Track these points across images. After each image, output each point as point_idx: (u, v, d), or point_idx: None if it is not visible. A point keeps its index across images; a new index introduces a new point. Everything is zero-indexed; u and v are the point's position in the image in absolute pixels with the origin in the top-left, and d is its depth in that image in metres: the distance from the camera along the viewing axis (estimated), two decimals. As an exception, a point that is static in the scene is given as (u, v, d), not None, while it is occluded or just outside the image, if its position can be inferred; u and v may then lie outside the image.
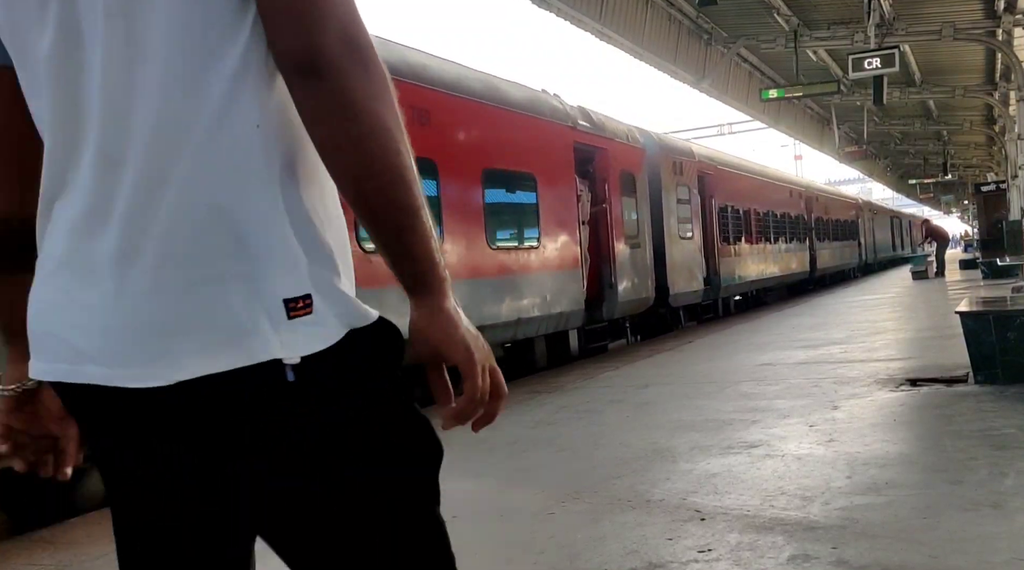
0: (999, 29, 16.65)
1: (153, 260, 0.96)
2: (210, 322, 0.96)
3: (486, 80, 9.60)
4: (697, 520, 3.58)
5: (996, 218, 25.48)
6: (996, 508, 3.39)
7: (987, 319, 6.15)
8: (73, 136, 1.02)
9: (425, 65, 8.29)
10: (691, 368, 8.55)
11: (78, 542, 4.16)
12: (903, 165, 42.18)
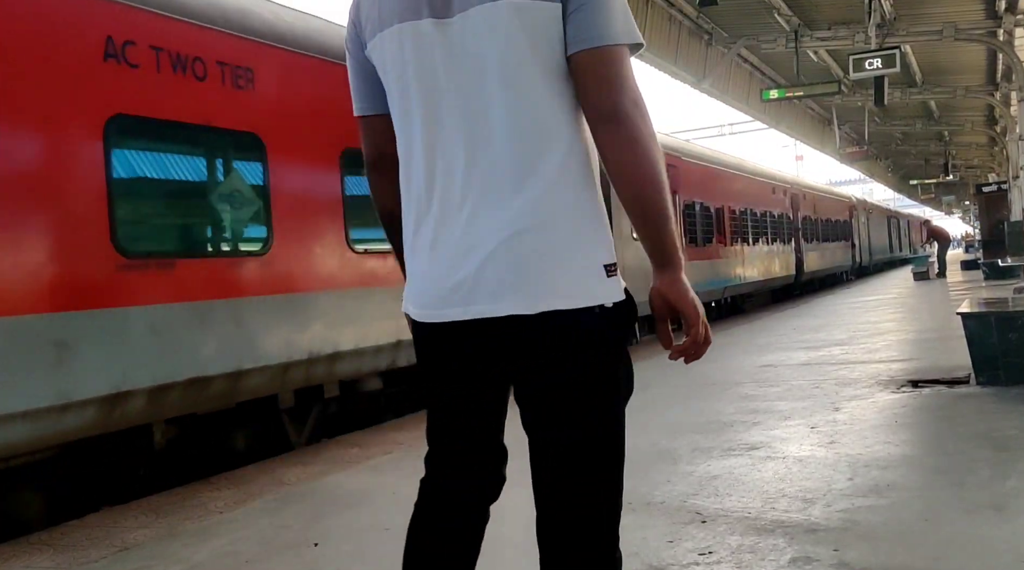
0: (1000, 29, 16.65)
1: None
2: None
3: None
4: (698, 522, 3.56)
5: (997, 219, 25.47)
6: (998, 510, 3.37)
7: (989, 320, 6.14)
8: (429, 154, 1.63)
9: (248, 10, 6.06)
10: (692, 369, 8.50)
11: (77, 545, 4.15)
12: (904, 166, 42.19)
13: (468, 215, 1.57)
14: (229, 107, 5.74)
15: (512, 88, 1.55)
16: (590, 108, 1.55)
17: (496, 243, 1.54)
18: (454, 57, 1.57)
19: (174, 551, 3.90)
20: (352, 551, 3.67)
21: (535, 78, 1.55)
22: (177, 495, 5.05)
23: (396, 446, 5.91)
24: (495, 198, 1.56)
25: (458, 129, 1.58)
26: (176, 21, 5.42)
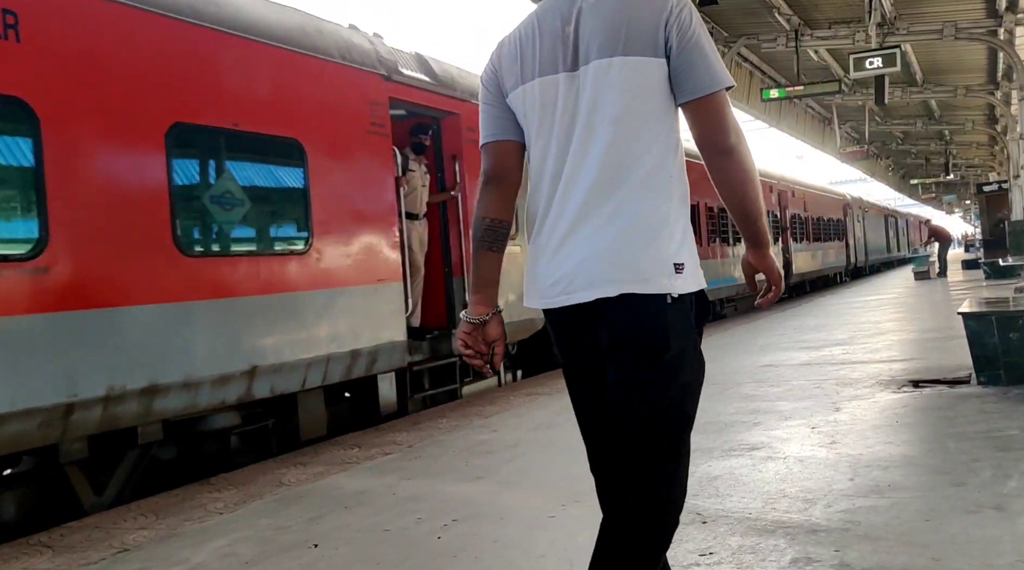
0: (1001, 28, 16.62)
1: None
2: None
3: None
4: (699, 523, 3.55)
5: (998, 218, 25.46)
6: (999, 510, 3.36)
7: (989, 320, 6.13)
8: (550, 181, 2.07)
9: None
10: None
11: (77, 546, 4.14)
12: (905, 165, 42.17)
13: (588, 221, 2.00)
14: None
15: (618, 124, 1.99)
16: (706, 144, 2.01)
17: (615, 244, 1.97)
18: (581, 102, 2.03)
19: (174, 552, 3.89)
20: (351, 552, 3.66)
21: (637, 117, 1.98)
22: (177, 496, 5.05)
23: (396, 447, 5.90)
24: (596, 211, 1.99)
25: (578, 157, 2.03)
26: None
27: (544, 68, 2.07)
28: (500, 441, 5.74)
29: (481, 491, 4.50)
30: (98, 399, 4.80)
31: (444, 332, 8.19)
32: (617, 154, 1.98)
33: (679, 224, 2.02)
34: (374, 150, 7.08)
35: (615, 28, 1.98)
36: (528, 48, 2.11)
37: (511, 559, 3.38)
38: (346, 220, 6.75)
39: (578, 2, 2.04)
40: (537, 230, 2.11)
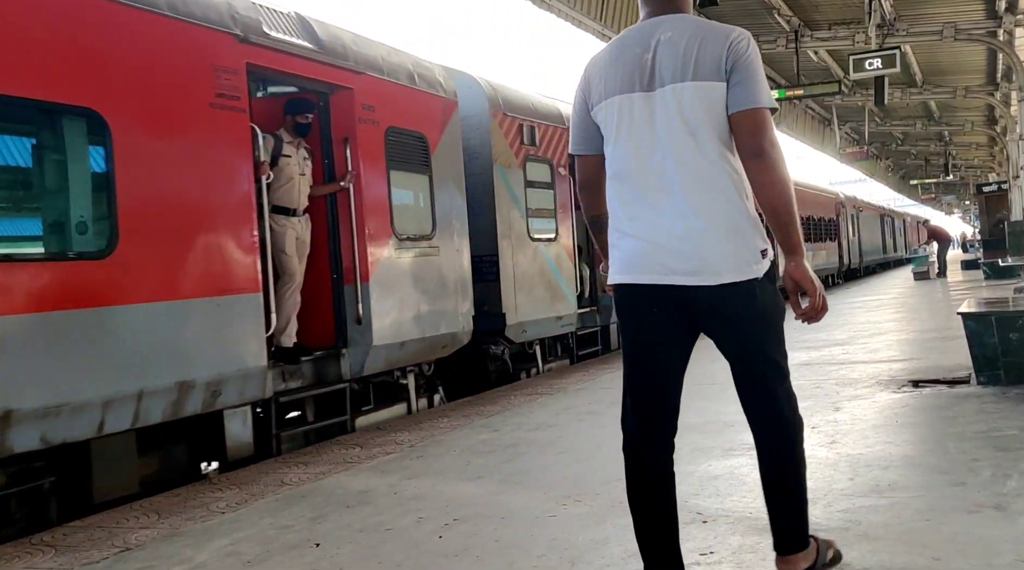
0: (1000, 29, 16.65)
1: None
2: None
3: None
4: (699, 522, 3.57)
5: (998, 218, 25.48)
6: (999, 510, 3.38)
7: (989, 320, 6.14)
8: (631, 182, 2.56)
9: None
10: (693, 369, 8.46)
11: (80, 545, 4.15)
12: (905, 166, 42.20)
13: (667, 215, 2.50)
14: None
15: (693, 136, 2.48)
16: (745, 148, 2.47)
17: (695, 236, 2.48)
18: (656, 117, 2.51)
19: (176, 551, 3.91)
20: (354, 551, 3.67)
21: (706, 129, 2.48)
22: (179, 495, 5.06)
23: (397, 446, 5.92)
24: (675, 207, 2.49)
25: (657, 161, 2.51)
26: None
27: (623, 87, 2.56)
28: (501, 441, 5.75)
29: (482, 490, 4.52)
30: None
31: (332, 352, 6.76)
32: (692, 159, 2.48)
33: (749, 215, 2.52)
34: (221, 128, 5.68)
35: (687, 58, 2.48)
36: (611, 70, 2.60)
37: (512, 558, 3.40)
38: (173, 216, 5.30)
39: (656, 35, 2.54)
40: (620, 221, 2.61)
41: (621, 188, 2.60)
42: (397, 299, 7.19)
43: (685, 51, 2.48)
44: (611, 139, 2.62)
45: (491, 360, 9.20)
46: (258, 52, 6.03)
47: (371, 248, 6.92)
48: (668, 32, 2.53)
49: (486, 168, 8.93)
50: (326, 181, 6.92)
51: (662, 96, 2.50)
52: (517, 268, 9.19)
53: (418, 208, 7.73)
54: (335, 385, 6.73)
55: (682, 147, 2.49)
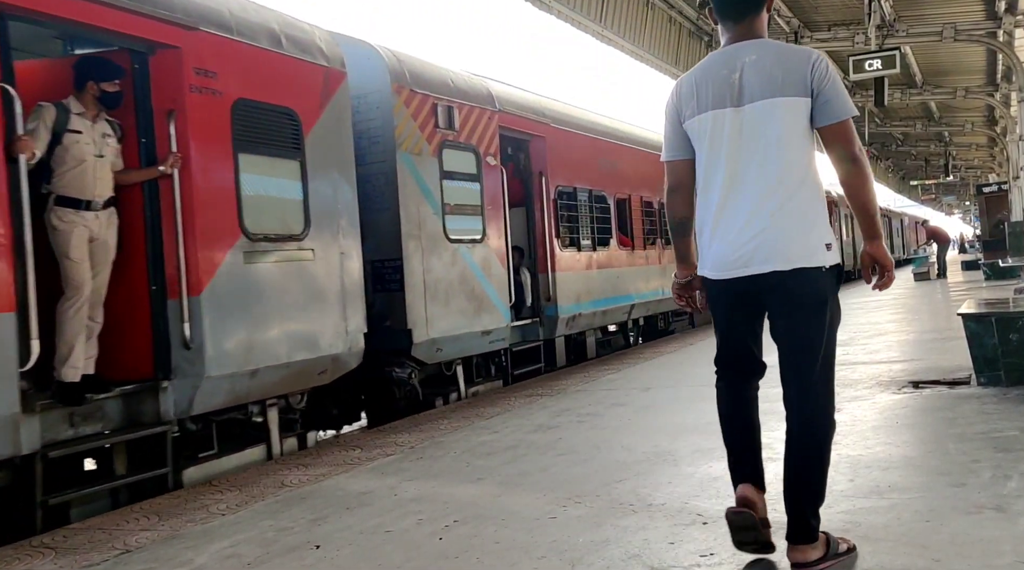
0: (1000, 30, 16.66)
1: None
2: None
3: None
4: (699, 524, 3.57)
5: (998, 219, 25.47)
6: (1000, 511, 3.37)
7: (989, 321, 6.14)
8: (718, 186, 2.92)
9: None
10: (694, 370, 8.53)
11: (80, 547, 4.15)
12: (905, 166, 42.19)
13: (751, 217, 2.87)
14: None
15: (781, 146, 2.85)
16: (839, 155, 2.89)
17: (774, 234, 2.85)
18: (744, 129, 2.89)
19: (176, 553, 3.91)
20: (354, 553, 3.67)
21: (792, 139, 2.85)
22: (179, 497, 5.06)
23: (398, 448, 5.92)
24: (761, 209, 2.86)
25: (747, 168, 2.89)
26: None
27: (715, 104, 2.93)
28: (501, 442, 5.75)
29: (482, 492, 4.52)
30: None
31: (149, 385, 5.35)
32: (779, 165, 2.86)
33: (822, 213, 2.92)
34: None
35: (773, 78, 2.86)
36: (702, 89, 2.97)
37: (512, 560, 3.39)
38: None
39: (742, 58, 2.92)
40: (713, 221, 2.96)
41: (711, 194, 2.97)
42: (247, 316, 5.68)
43: (771, 71, 2.87)
44: (703, 150, 2.99)
45: (397, 385, 7.62)
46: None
47: (205, 252, 5.46)
48: (752, 55, 2.91)
49: (388, 155, 7.44)
50: (143, 165, 5.44)
51: (751, 111, 2.88)
52: (429, 275, 7.69)
53: (283, 201, 6.18)
54: (153, 428, 5.27)
55: (769, 154, 2.86)
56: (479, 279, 8.47)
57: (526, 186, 9.99)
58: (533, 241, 9.99)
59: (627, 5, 15.01)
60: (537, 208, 9.94)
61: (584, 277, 10.75)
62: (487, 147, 8.77)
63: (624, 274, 12.00)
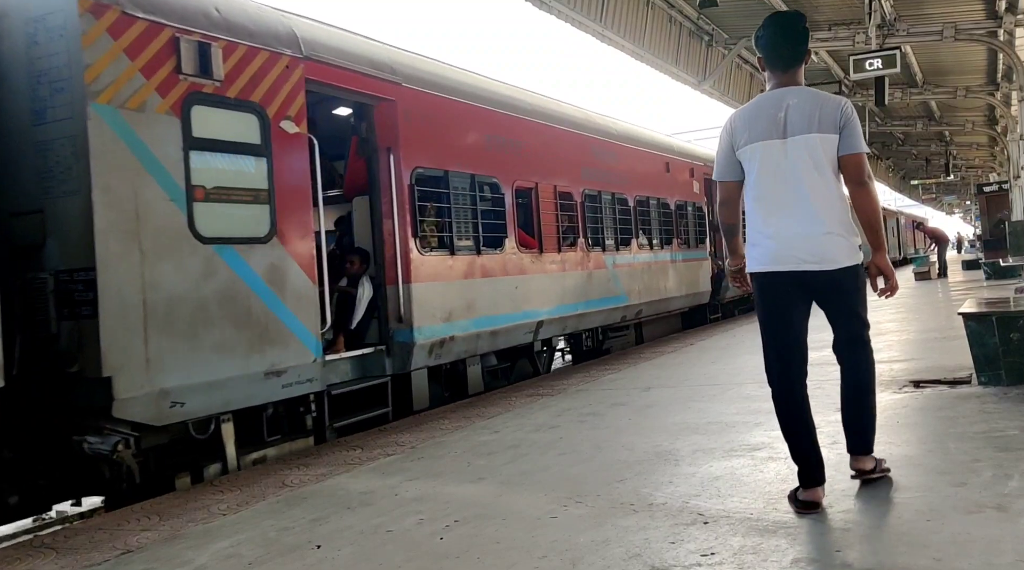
0: (1000, 29, 16.63)
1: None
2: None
3: None
4: (700, 523, 3.57)
5: (998, 219, 25.45)
6: (1000, 510, 3.37)
7: (990, 320, 6.13)
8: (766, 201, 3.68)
9: None
10: (694, 370, 8.53)
11: (81, 547, 4.16)
12: (905, 166, 42.14)
13: (795, 225, 3.60)
14: None
15: (816, 171, 3.59)
16: (852, 179, 3.64)
17: (815, 239, 3.58)
18: (788, 157, 3.61)
19: (177, 553, 3.91)
20: (354, 553, 3.68)
21: (825, 166, 3.59)
22: (180, 497, 5.06)
23: (398, 448, 5.92)
24: (810, 219, 3.59)
25: (789, 188, 3.61)
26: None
27: (764, 136, 3.68)
28: (502, 442, 5.75)
29: (483, 492, 4.52)
30: None
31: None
32: (816, 185, 3.60)
33: (850, 221, 3.68)
34: None
35: (811, 117, 3.63)
36: (754, 122, 3.72)
37: (513, 560, 3.39)
38: None
39: (786, 100, 3.69)
40: (761, 229, 3.70)
41: (761, 205, 3.70)
42: None
43: (810, 112, 3.65)
44: (754, 171, 3.72)
45: (106, 463, 5.21)
46: None
47: None
48: (794, 99, 3.70)
49: (75, 110, 5.12)
50: None
51: (793, 142, 3.63)
52: (154, 292, 5.31)
53: None
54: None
55: (809, 176, 3.61)
56: (261, 296, 6.02)
57: (371, 167, 7.70)
58: (380, 242, 7.62)
59: (627, 5, 14.99)
60: (384, 198, 7.56)
61: (460, 289, 8.31)
62: (282, 108, 6.35)
63: (526, 284, 9.46)
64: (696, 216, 15.09)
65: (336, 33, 7.38)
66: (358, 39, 7.68)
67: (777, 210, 3.64)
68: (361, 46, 7.55)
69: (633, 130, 13.51)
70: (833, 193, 3.62)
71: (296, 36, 6.62)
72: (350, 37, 7.57)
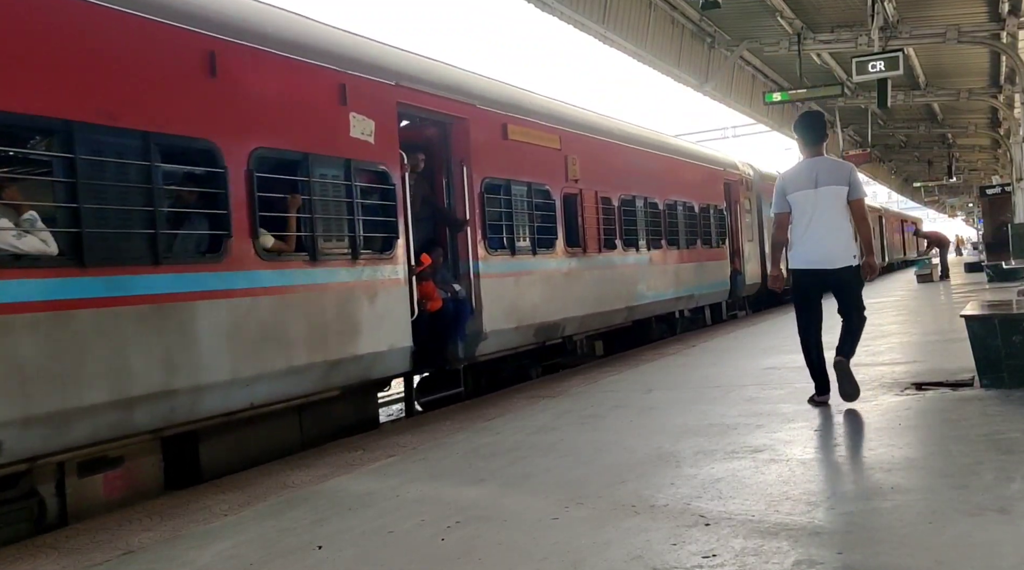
0: (1003, 32, 16.63)
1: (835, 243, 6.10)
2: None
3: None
4: (702, 525, 3.56)
5: (1001, 221, 25.41)
6: (1002, 513, 3.37)
7: (992, 323, 6.12)
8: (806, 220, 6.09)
9: None
10: (695, 372, 8.53)
11: (83, 548, 4.16)
12: (907, 168, 42.10)
13: (823, 235, 5.92)
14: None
15: (834, 208, 5.96)
16: (855, 214, 6.05)
17: (831, 249, 5.94)
18: (819, 200, 5.95)
19: (178, 554, 3.91)
20: (356, 554, 3.68)
21: (841, 205, 5.98)
22: (182, 498, 5.07)
23: (400, 449, 5.92)
24: (829, 237, 5.93)
25: (819, 216, 5.94)
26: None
27: (803, 186, 5.98)
28: (503, 444, 5.75)
29: (484, 493, 4.52)
30: None
31: None
32: (833, 217, 5.91)
33: (854, 240, 6.03)
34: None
35: (833, 175, 5.97)
36: (798, 178, 6.06)
37: (514, 562, 3.39)
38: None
39: (817, 166, 6.01)
40: (800, 240, 5.98)
41: (800, 229, 6.01)
42: None
43: (832, 172, 6.01)
44: (797, 207, 6.05)
45: None
46: None
47: None
48: (823, 165, 6.05)
49: None
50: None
51: (824, 191, 5.94)
52: None
53: None
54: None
55: (830, 212, 5.93)
56: None
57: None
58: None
59: (629, 6, 14.99)
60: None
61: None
62: None
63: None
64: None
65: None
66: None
67: (809, 232, 5.97)
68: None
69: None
70: (843, 222, 5.97)
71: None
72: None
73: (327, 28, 7.38)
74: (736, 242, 17.14)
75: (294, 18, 6.95)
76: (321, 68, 6.80)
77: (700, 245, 15.18)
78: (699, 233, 15.10)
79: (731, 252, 16.87)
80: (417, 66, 8.28)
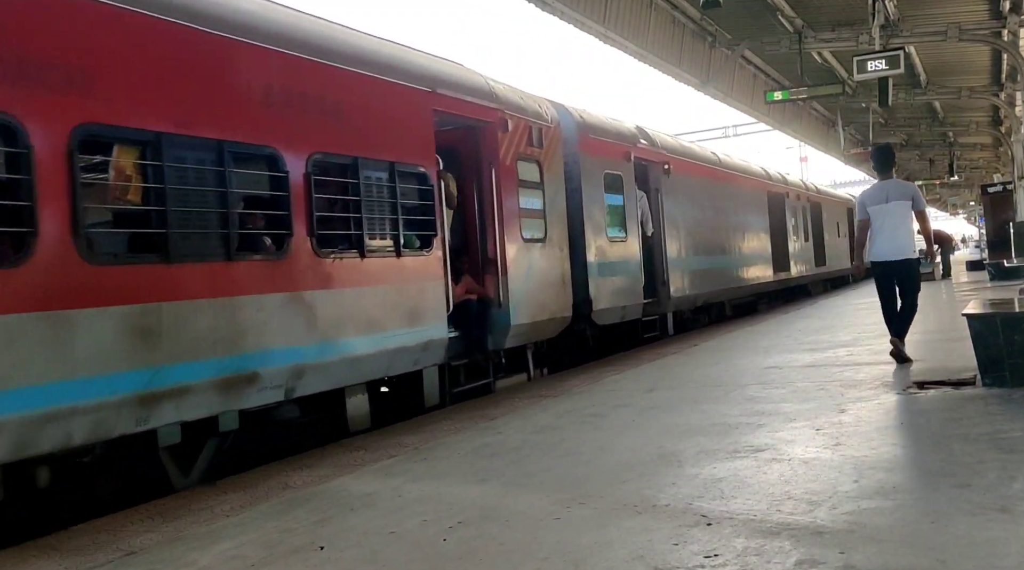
0: (1005, 30, 16.62)
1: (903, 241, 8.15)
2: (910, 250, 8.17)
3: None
4: (703, 525, 3.56)
5: (1003, 219, 25.39)
6: (1004, 512, 3.37)
7: (994, 321, 6.12)
8: (880, 225, 8.14)
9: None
10: (697, 372, 8.52)
11: (84, 549, 4.16)
12: (909, 167, 42.09)
13: (892, 236, 7.90)
14: None
15: (901, 216, 7.97)
16: (919, 220, 8.24)
17: (901, 243, 7.92)
18: (889, 210, 7.94)
19: (180, 555, 3.91)
20: (358, 554, 3.68)
21: (907, 214, 8.00)
22: (183, 499, 5.07)
23: (402, 449, 5.92)
24: (898, 234, 7.92)
25: (892, 222, 7.93)
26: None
27: (879, 201, 8.00)
28: (505, 443, 5.76)
29: (486, 493, 4.52)
30: None
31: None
32: (901, 223, 7.93)
33: (915, 239, 8.29)
34: None
35: (900, 192, 8.03)
36: (875, 195, 8.12)
37: (516, 561, 3.39)
38: None
39: (888, 187, 8.08)
40: (876, 240, 7.99)
41: (876, 230, 7.93)
42: None
43: (899, 190, 8.01)
44: (875, 216, 7.94)
45: None
46: None
47: None
48: (892, 186, 8.05)
49: None
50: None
51: (892, 204, 7.85)
52: None
53: None
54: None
55: (898, 219, 7.85)
56: None
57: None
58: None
59: (630, 5, 14.99)
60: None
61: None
62: None
63: None
64: None
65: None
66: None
67: (884, 232, 7.84)
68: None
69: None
70: (908, 227, 7.87)
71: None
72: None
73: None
74: (493, 241, 8.97)
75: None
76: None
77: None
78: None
79: (479, 263, 9.01)
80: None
